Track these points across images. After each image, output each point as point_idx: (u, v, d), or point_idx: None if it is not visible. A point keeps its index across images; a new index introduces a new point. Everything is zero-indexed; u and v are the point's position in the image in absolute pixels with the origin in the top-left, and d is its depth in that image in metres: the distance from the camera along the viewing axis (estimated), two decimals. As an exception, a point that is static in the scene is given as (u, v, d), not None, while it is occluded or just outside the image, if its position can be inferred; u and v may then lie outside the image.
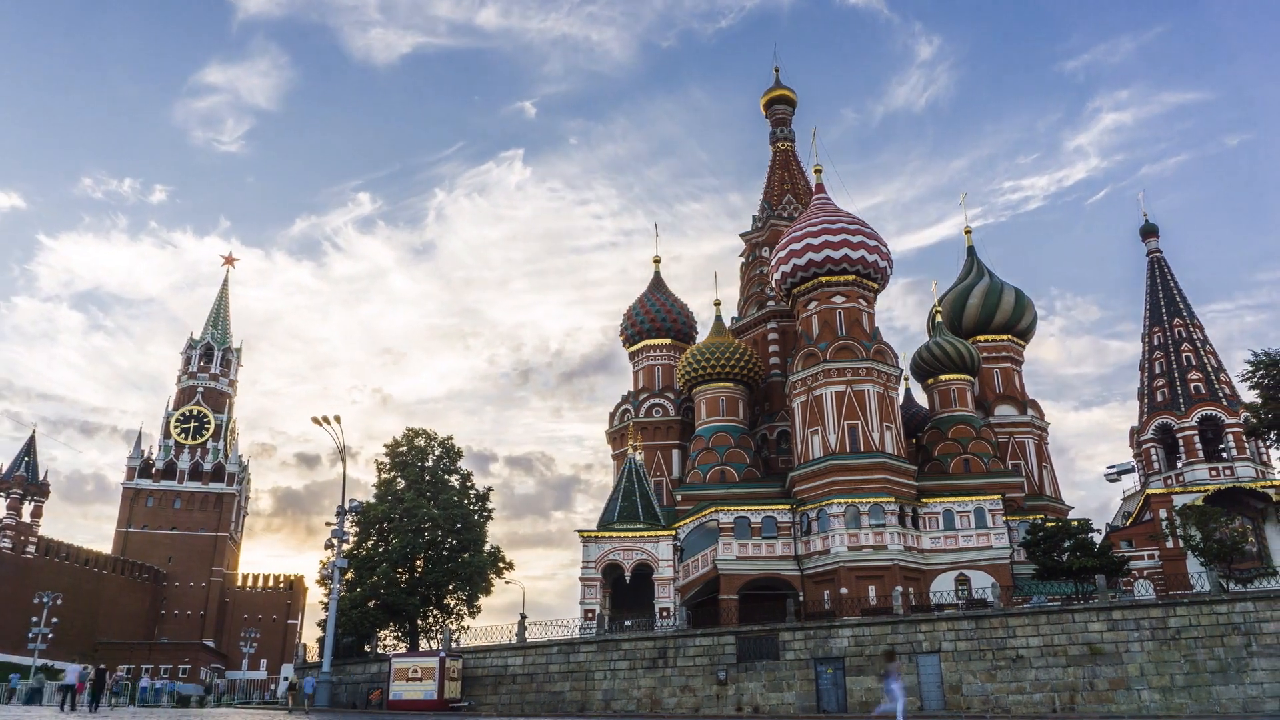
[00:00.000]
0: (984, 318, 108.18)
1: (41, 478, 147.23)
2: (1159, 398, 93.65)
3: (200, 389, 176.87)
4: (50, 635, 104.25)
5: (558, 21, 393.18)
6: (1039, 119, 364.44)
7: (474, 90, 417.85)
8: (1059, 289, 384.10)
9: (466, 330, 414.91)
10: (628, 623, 79.52)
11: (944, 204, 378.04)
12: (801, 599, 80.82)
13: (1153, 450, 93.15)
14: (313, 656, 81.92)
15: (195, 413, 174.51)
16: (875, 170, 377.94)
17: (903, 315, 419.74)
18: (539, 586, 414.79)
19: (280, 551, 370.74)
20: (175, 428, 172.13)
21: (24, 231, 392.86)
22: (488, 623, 74.61)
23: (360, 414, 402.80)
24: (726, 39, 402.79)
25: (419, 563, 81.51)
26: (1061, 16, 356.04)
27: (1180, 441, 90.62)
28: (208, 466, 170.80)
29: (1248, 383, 65.24)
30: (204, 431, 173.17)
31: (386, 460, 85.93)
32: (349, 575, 76.70)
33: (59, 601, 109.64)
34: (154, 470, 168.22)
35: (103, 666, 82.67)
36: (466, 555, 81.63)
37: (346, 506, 72.28)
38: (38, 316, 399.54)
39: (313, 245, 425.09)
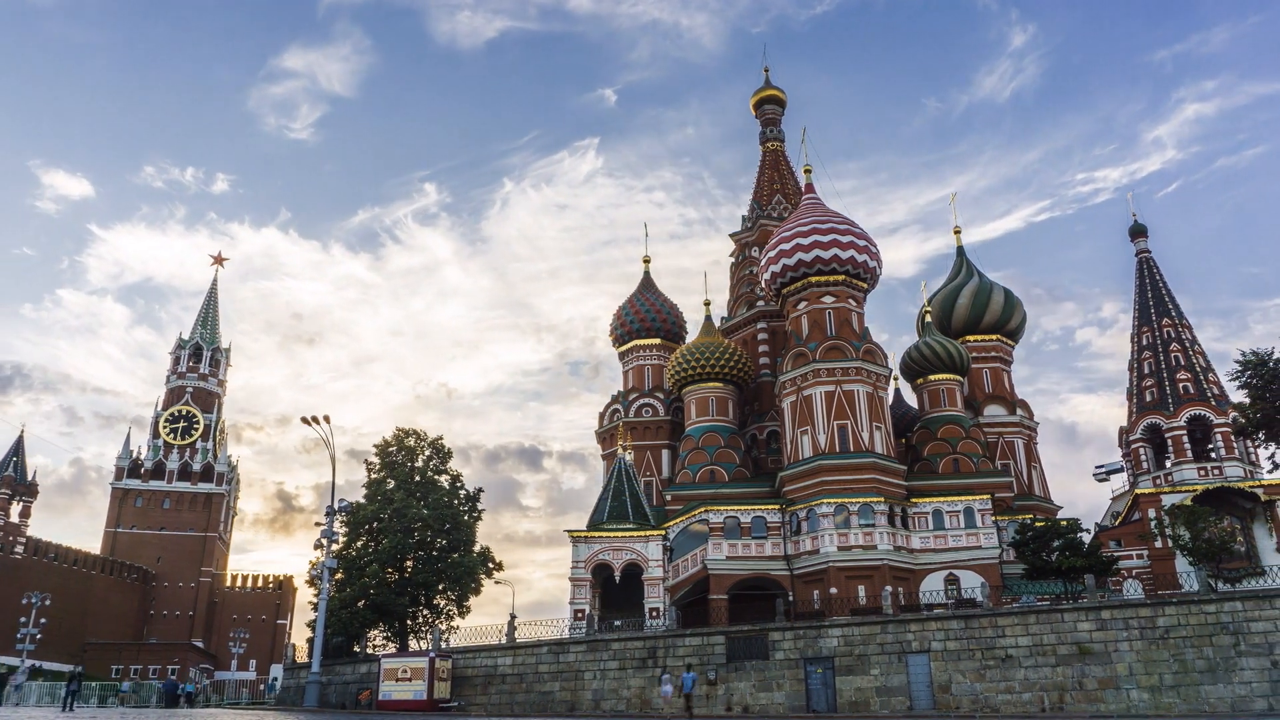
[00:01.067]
0: (973, 318, 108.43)
1: (30, 478, 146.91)
2: (1148, 397, 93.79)
3: (189, 389, 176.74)
4: (39, 636, 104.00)
5: (650, 6, 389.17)
6: (1121, 109, 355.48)
7: (556, 77, 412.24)
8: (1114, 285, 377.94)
9: (516, 323, 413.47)
10: (617, 623, 79.56)
11: (1014, 195, 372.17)
12: (791, 599, 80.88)
13: (1141, 450, 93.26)
14: (302, 657, 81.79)
15: (184, 413, 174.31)
16: (949, 161, 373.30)
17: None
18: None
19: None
20: (164, 428, 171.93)
21: (78, 222, 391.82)
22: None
23: (400, 409, 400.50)
24: (820, 25, 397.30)
25: (409, 563, 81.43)
26: (1159, 3, 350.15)
27: (1169, 441, 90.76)
28: (196, 466, 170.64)
29: (1236, 382, 65.34)
30: (193, 431, 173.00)
31: (376, 461, 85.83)
32: (339, 575, 76.59)
33: (47, 602, 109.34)
34: (143, 470, 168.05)
35: (79, 668, 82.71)
36: (456, 555, 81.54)
37: (336, 507, 72.30)
38: (82, 310, 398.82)
39: (371, 237, 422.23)
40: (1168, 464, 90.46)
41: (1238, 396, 70.80)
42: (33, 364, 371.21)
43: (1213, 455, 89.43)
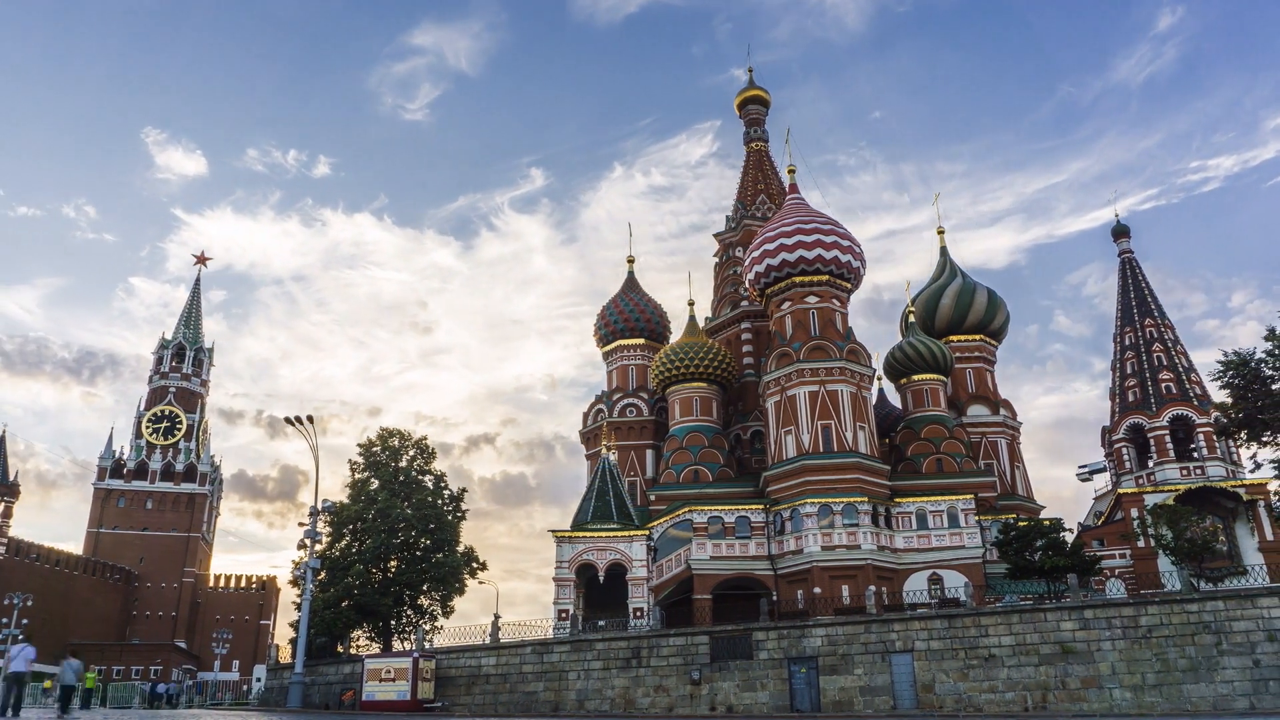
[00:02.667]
0: (957, 318, 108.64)
1: (12, 478, 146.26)
2: (1130, 397, 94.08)
3: (172, 389, 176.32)
4: (20, 637, 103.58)
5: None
6: (1246, 95, 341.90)
7: (690, 56, 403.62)
8: (1215, 274, 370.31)
9: (593, 314, 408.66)
10: (601, 623, 79.57)
11: (1125, 183, 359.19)
12: (775, 599, 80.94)
13: (1124, 450, 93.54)
14: (285, 657, 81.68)
15: (167, 413, 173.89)
16: (1066, 147, 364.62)
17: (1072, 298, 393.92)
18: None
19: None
20: (147, 428, 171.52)
21: (163, 207, 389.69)
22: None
23: (466, 402, 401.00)
24: (967, 4, 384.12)
25: (392, 563, 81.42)
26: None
27: (1152, 441, 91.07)
28: (179, 467, 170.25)
29: (1218, 382, 65.51)
30: (176, 432, 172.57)
31: (360, 460, 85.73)
32: (322, 575, 76.47)
33: (29, 603, 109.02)
34: (125, 470, 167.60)
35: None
36: (440, 555, 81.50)
37: (320, 507, 72.18)
38: (153, 301, 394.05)
39: (465, 225, 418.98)
40: (1150, 464, 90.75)
41: (1220, 396, 70.92)
42: (107, 353, 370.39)
43: (1195, 455, 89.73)
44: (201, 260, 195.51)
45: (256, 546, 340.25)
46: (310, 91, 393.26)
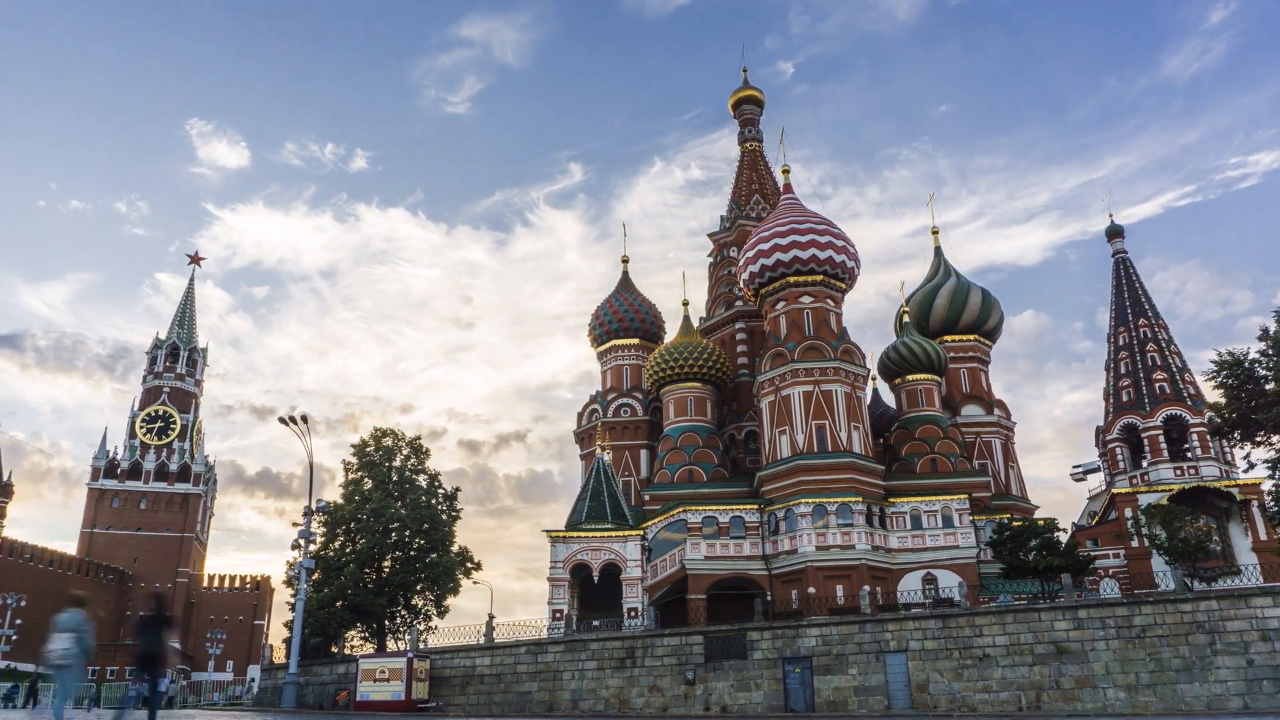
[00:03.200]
0: (951, 318, 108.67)
1: (6, 478, 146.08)
2: (1124, 398, 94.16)
3: (166, 389, 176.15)
4: (14, 637, 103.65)
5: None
6: None
7: (736, 48, 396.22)
8: (1262, 270, 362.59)
9: None
10: (596, 623, 79.48)
11: (1164, 179, 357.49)
12: (769, 598, 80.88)
13: (1118, 450, 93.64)
14: (279, 657, 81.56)
15: (161, 413, 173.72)
16: (1108, 142, 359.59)
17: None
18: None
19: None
20: (141, 428, 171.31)
21: (194, 200, 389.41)
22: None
23: (488, 399, 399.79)
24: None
25: (386, 563, 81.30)
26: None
27: (1145, 441, 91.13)
28: (173, 467, 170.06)
29: (1212, 382, 65.56)
30: (169, 432, 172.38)
31: (354, 460, 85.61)
32: (316, 576, 76.40)
33: (23, 603, 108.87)
34: (119, 471, 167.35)
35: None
36: (434, 555, 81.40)
37: (313, 507, 72.14)
38: (180, 297, 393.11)
39: (499, 220, 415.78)
40: (1144, 464, 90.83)
41: (1214, 396, 70.99)
42: (122, 348, 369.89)
43: (1189, 455, 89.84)
44: (195, 260, 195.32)
45: (283, 545, 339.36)
46: (354, 84, 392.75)
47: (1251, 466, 66.00)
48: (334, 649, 77.91)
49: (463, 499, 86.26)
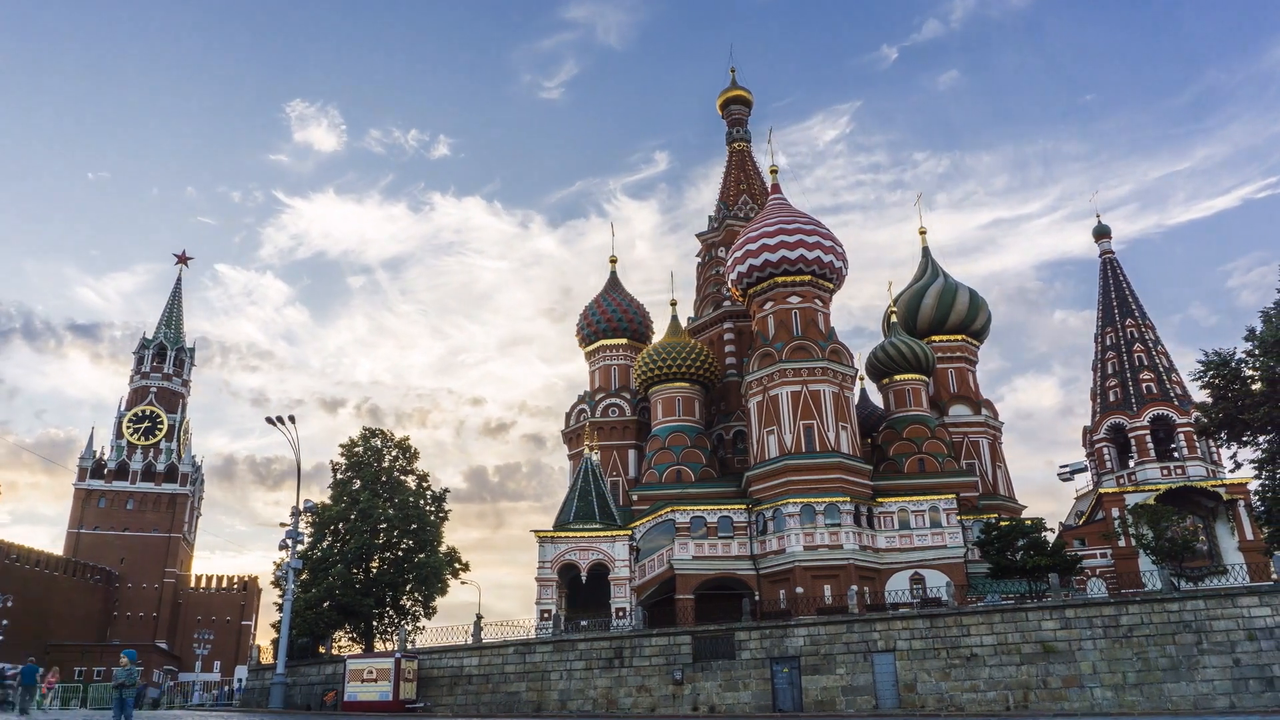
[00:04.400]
0: (939, 318, 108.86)
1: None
2: (1111, 397, 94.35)
3: (153, 389, 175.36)
4: (0, 638, 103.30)
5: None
6: None
7: (843, 31, 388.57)
8: None
9: (685, 303, 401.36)
10: (584, 623, 79.50)
11: (1248, 170, 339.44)
12: (757, 598, 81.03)
13: (1105, 449, 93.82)
14: (267, 658, 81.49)
15: (148, 413, 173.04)
16: (1199, 133, 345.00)
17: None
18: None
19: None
20: (128, 428, 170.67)
21: (264, 188, 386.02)
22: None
23: (537, 393, 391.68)
24: None
25: (374, 563, 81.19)
26: None
27: (1132, 441, 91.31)
28: (161, 467, 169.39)
29: (1199, 382, 65.79)
30: (157, 432, 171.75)
31: (342, 461, 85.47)
32: (304, 576, 76.30)
33: (9, 604, 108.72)
34: (106, 471, 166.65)
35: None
36: (422, 556, 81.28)
37: (301, 507, 72.07)
38: (237, 290, 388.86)
39: (575, 210, 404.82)
40: (1131, 463, 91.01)
41: (1200, 396, 71.22)
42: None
43: (1175, 455, 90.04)
44: (182, 260, 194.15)
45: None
46: (453, 68, 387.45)
47: (1238, 466, 66.38)
48: (322, 649, 77.81)
49: (518, 493, 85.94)
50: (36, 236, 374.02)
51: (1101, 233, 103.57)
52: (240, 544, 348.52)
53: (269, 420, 72.46)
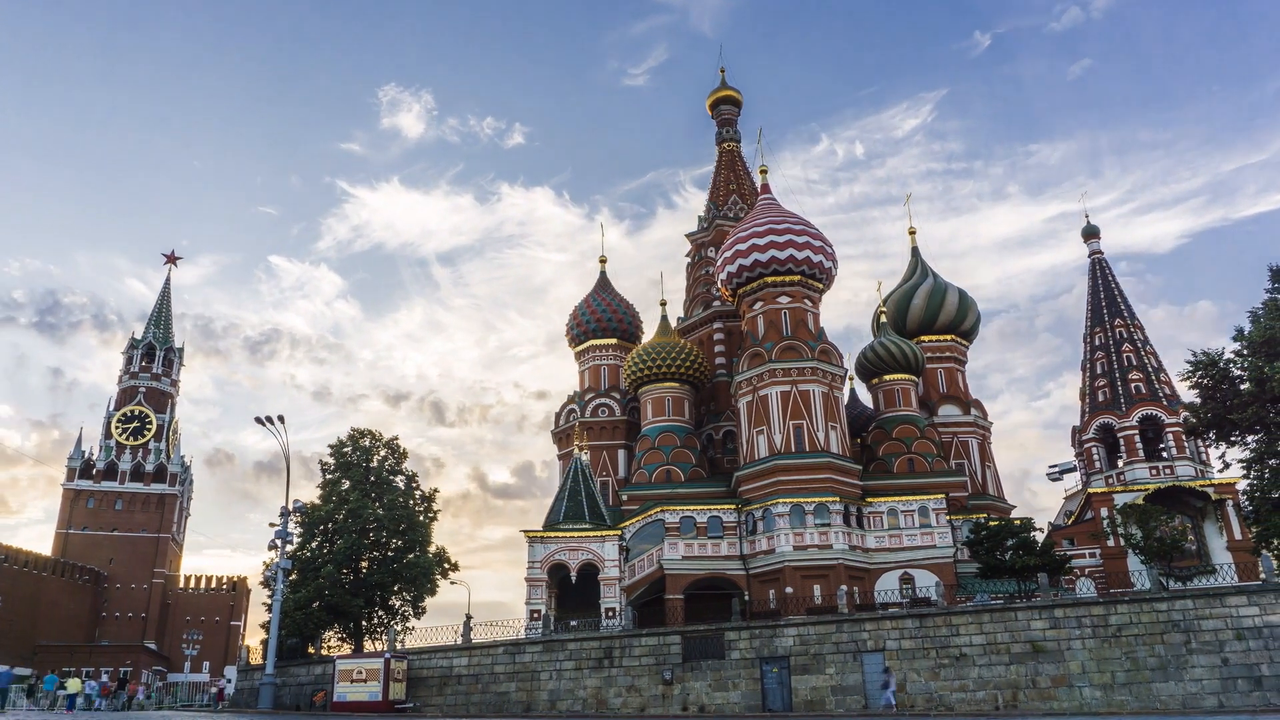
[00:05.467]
0: (928, 318, 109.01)
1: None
2: (1100, 397, 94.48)
3: (142, 389, 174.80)
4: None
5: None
6: None
7: (937, 15, 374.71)
8: None
9: None
10: (573, 623, 79.40)
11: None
12: (747, 598, 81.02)
13: (1094, 449, 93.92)
14: (256, 658, 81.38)
15: (137, 413, 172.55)
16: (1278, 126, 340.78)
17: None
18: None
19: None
20: (116, 428, 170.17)
21: (328, 177, 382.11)
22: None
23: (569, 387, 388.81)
24: None
25: (364, 564, 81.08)
26: None
27: (1121, 441, 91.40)
28: (149, 467, 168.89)
29: (1187, 382, 65.89)
30: (145, 432, 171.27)
31: (331, 461, 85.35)
32: (293, 576, 76.16)
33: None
34: (95, 471, 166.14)
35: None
36: (412, 556, 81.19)
37: (290, 507, 71.92)
38: (291, 283, 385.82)
39: (643, 201, 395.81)
40: (1120, 463, 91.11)
41: (1189, 396, 71.35)
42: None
43: (1164, 455, 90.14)
44: (171, 259, 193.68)
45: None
46: (539, 54, 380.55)
47: (1226, 466, 66.36)
48: (311, 650, 77.65)
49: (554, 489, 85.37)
50: (97, 226, 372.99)
51: (1090, 233, 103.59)
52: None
53: (258, 420, 72.17)
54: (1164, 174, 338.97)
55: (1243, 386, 62.26)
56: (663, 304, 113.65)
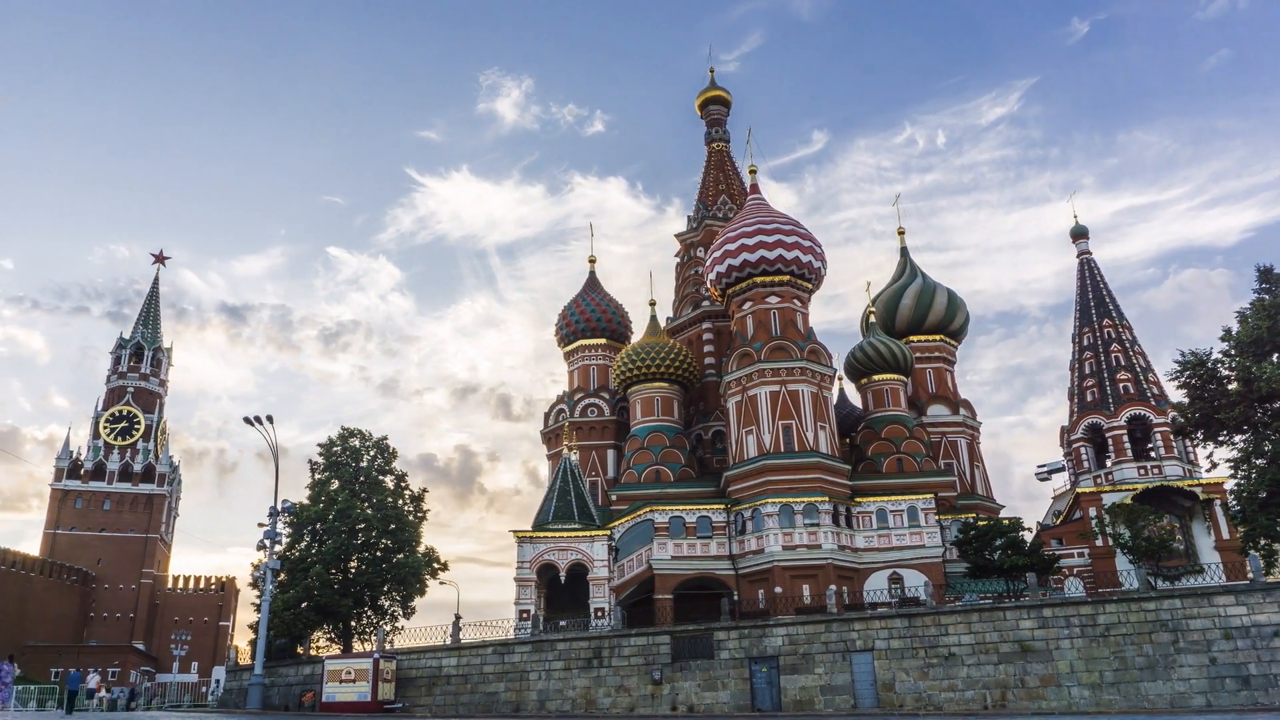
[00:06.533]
0: (917, 318, 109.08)
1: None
2: (1089, 397, 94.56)
3: (130, 389, 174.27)
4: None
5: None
6: None
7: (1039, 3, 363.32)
8: None
9: None
10: (563, 623, 79.42)
11: None
12: (736, 598, 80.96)
13: (1082, 449, 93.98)
14: (245, 659, 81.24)
15: (125, 413, 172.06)
16: None
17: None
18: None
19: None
20: (105, 428, 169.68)
21: (397, 166, 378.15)
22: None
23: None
24: None
25: (353, 564, 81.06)
26: None
27: (1109, 441, 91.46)
28: (138, 467, 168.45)
29: (1175, 382, 66.06)
30: (134, 432, 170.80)
31: (320, 461, 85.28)
32: (282, 577, 76.11)
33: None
34: (83, 471, 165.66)
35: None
36: (401, 556, 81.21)
37: (279, 507, 71.86)
38: (349, 274, 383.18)
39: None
40: (1108, 463, 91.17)
41: (1177, 396, 71.49)
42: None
43: (1152, 454, 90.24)
44: (160, 259, 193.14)
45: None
46: (632, 37, 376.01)
47: (1214, 466, 66.72)
48: (300, 650, 77.61)
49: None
50: (174, 216, 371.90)
51: (1079, 233, 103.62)
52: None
53: (247, 420, 72.14)
54: (1241, 165, 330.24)
55: (1230, 386, 62.51)
56: (652, 304, 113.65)
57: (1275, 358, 60.41)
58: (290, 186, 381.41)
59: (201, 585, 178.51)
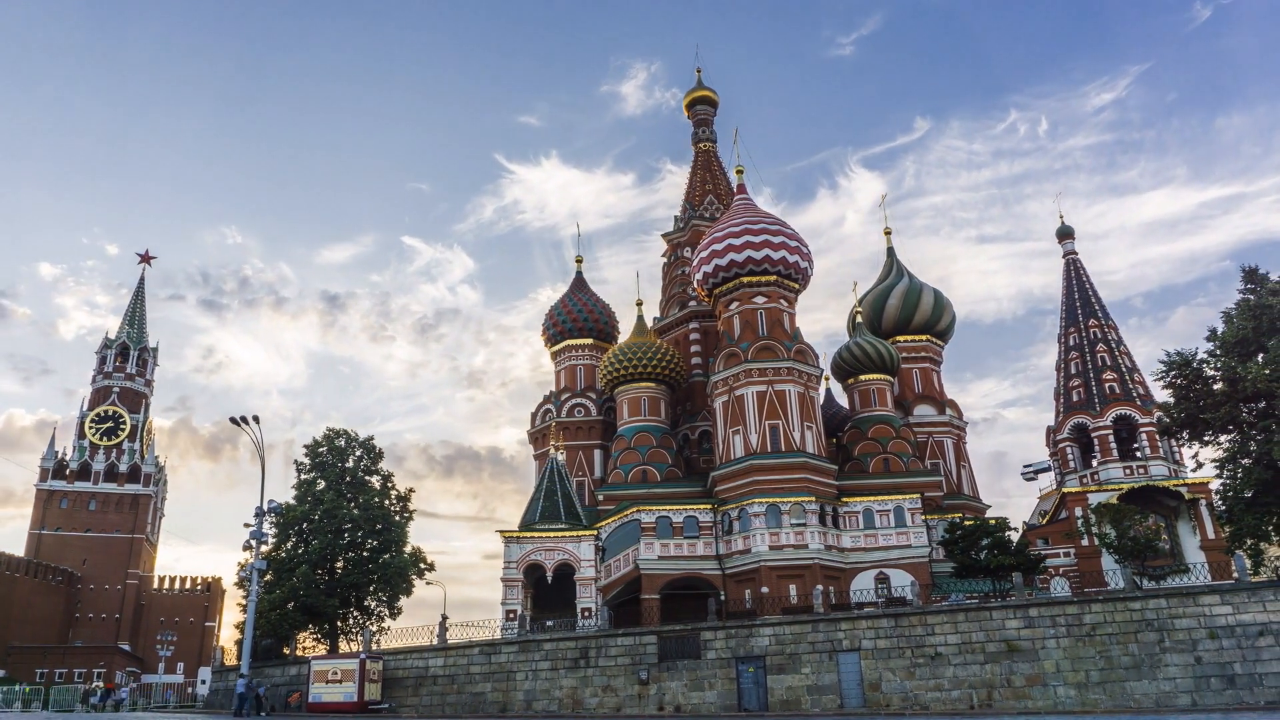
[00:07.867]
0: (903, 318, 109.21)
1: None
2: (1075, 398, 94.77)
3: (116, 389, 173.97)
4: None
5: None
6: None
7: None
8: None
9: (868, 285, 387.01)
10: (549, 623, 79.40)
11: None
12: (723, 598, 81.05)
13: (1068, 449, 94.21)
14: (231, 659, 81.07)
15: (111, 413, 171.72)
16: None
17: None
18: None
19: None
20: (90, 428, 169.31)
21: (485, 152, 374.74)
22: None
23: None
24: None
25: (339, 564, 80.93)
26: None
27: (1095, 441, 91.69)
28: (123, 468, 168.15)
29: (1161, 382, 66.19)
30: (119, 432, 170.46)
31: (306, 461, 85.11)
32: (268, 577, 75.96)
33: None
34: (68, 471, 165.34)
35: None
36: (387, 556, 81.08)
37: (265, 507, 71.68)
38: (421, 265, 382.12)
39: (804, 182, 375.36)
40: (1094, 463, 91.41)
41: (1163, 396, 71.61)
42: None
43: (1138, 454, 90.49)
44: (145, 259, 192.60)
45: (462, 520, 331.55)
46: (755, 18, 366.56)
47: (1199, 466, 66.97)
48: (286, 650, 77.52)
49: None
50: (264, 204, 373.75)
51: (1065, 233, 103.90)
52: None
53: (233, 420, 71.92)
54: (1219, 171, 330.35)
55: (1216, 386, 62.64)
56: (639, 304, 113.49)
57: (1260, 358, 60.51)
58: (378, 171, 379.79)
59: (187, 585, 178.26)
